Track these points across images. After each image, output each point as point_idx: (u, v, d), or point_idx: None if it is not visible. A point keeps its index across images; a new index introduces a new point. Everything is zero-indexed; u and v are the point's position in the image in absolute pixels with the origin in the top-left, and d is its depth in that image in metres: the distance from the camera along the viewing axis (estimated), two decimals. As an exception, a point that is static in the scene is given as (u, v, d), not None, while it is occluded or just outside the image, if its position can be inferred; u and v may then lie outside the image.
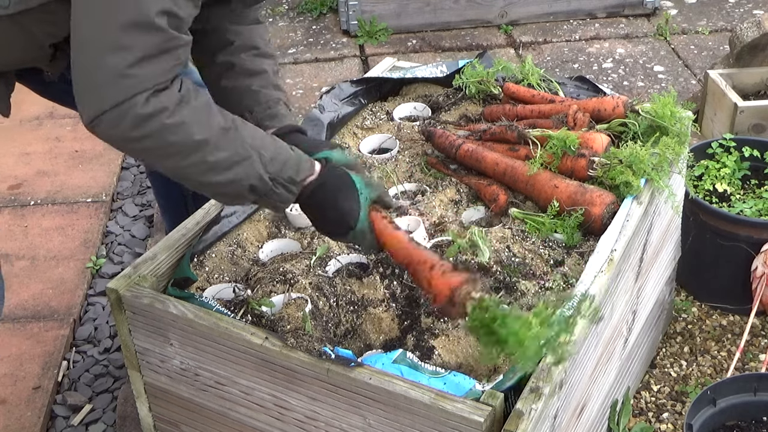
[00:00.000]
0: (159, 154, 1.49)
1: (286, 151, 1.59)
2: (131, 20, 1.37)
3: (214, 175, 1.52)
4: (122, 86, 1.39)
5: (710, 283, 2.67)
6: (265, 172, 1.54)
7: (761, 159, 2.72)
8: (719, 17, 4.68)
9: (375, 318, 1.74)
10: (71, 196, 3.42)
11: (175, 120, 1.43)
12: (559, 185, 1.93)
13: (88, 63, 1.41)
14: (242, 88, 1.86)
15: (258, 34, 1.92)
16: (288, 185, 1.58)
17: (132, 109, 1.40)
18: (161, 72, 1.43)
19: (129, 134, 1.43)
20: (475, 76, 2.39)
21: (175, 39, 1.43)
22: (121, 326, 1.83)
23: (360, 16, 4.57)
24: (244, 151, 1.52)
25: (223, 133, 1.50)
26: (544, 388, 1.51)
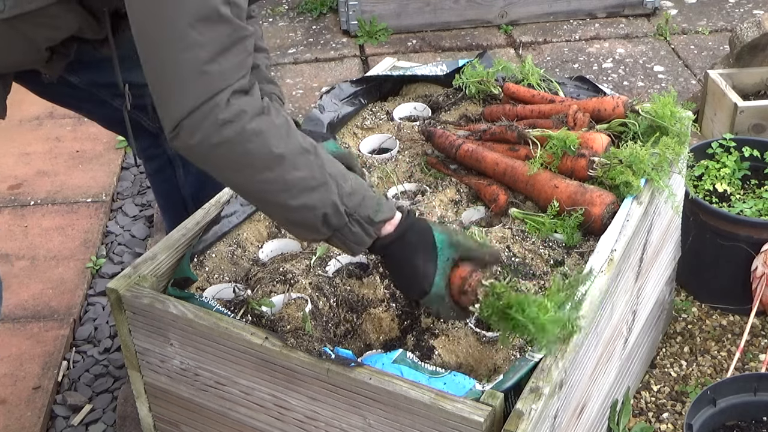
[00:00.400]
0: (234, 165, 1.41)
1: (366, 189, 1.51)
2: (199, 14, 1.32)
3: (288, 197, 1.44)
4: (203, 84, 1.34)
5: (710, 283, 2.67)
6: (341, 204, 1.46)
7: (761, 159, 2.72)
8: (719, 17, 4.68)
9: (375, 318, 1.74)
10: (71, 196, 3.42)
11: (255, 126, 1.37)
12: (559, 185, 1.93)
13: (163, 67, 1.36)
14: None
15: (256, 34, 1.91)
16: (365, 225, 1.50)
17: (213, 112, 1.34)
18: (237, 65, 1.37)
19: (208, 141, 1.36)
20: (475, 76, 2.39)
21: (242, 29, 1.38)
22: (121, 326, 1.83)
23: (360, 16, 4.57)
24: (322, 177, 1.44)
25: (302, 153, 1.43)
26: (544, 388, 1.51)
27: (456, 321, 1.65)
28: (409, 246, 1.54)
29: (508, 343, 1.55)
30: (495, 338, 1.67)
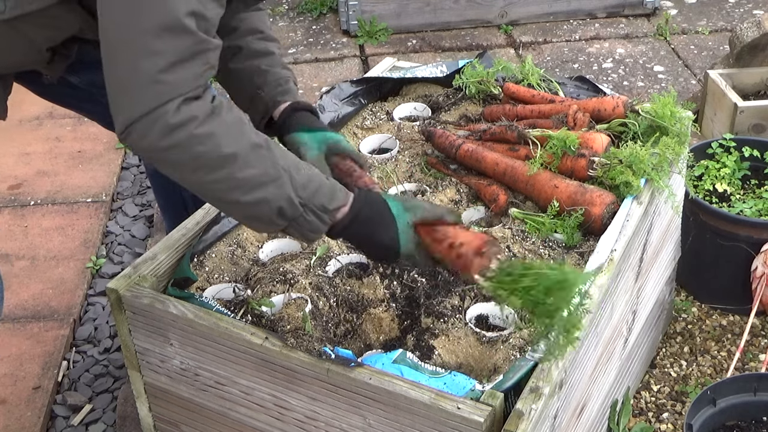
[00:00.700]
0: (186, 167, 1.44)
1: (318, 177, 1.54)
2: (161, 23, 1.35)
3: (241, 194, 1.46)
4: (155, 92, 1.36)
5: (710, 283, 2.67)
6: (295, 196, 1.49)
7: (761, 159, 2.72)
8: (719, 17, 4.68)
9: (375, 318, 1.74)
10: (71, 196, 3.42)
11: (205, 130, 1.40)
12: (559, 185, 1.93)
13: (120, 70, 1.38)
14: (251, 69, 1.86)
15: (261, 19, 1.92)
16: (320, 213, 1.53)
17: (162, 118, 1.37)
18: (193, 77, 1.40)
19: (157, 144, 1.39)
20: (475, 76, 2.39)
21: (204, 42, 1.40)
22: (121, 326, 1.83)
23: (360, 16, 4.57)
24: (275, 171, 1.47)
25: (254, 150, 1.45)
26: (544, 388, 1.51)
27: (431, 268, 1.70)
28: (366, 222, 1.58)
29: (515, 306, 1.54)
30: (495, 338, 1.67)
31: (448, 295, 1.77)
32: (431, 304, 1.75)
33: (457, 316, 1.73)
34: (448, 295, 1.77)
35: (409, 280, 1.82)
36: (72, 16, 1.65)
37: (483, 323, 1.74)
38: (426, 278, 1.82)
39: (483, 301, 1.77)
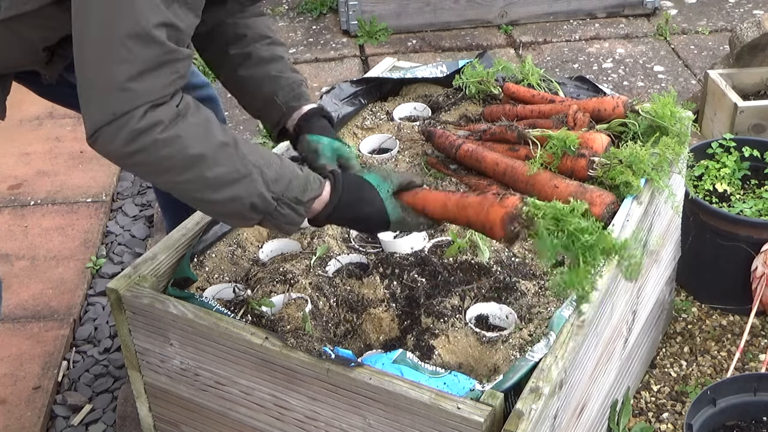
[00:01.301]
0: (154, 169, 1.46)
1: (291, 170, 1.55)
2: (130, 32, 1.36)
3: (212, 193, 1.48)
4: (122, 99, 1.38)
5: (710, 283, 2.67)
6: (267, 191, 1.50)
7: (761, 159, 2.72)
8: (719, 17, 4.68)
9: (375, 318, 1.74)
10: (71, 196, 3.42)
11: (170, 134, 1.41)
12: (559, 185, 1.93)
13: (89, 75, 1.41)
14: (262, 75, 1.89)
15: (266, 24, 1.95)
16: (294, 206, 1.54)
17: (128, 124, 1.39)
18: (161, 86, 1.41)
19: (123, 149, 1.41)
20: (475, 76, 2.39)
21: (174, 52, 1.41)
22: (121, 326, 1.83)
23: (360, 16, 4.57)
24: (244, 168, 1.48)
25: (222, 149, 1.47)
26: (544, 388, 1.51)
27: (428, 228, 1.72)
28: (350, 205, 1.62)
29: (549, 257, 1.53)
30: (495, 338, 1.67)
31: (448, 295, 1.77)
32: (431, 304, 1.75)
33: (457, 316, 1.73)
34: (448, 295, 1.77)
35: (409, 280, 1.82)
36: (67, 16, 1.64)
37: (483, 323, 1.75)
38: (426, 278, 1.82)
39: (483, 301, 1.77)
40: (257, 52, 1.90)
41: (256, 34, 1.92)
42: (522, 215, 1.52)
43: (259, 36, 1.92)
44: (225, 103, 4.04)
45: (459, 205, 1.61)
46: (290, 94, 1.90)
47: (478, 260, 1.85)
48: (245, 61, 1.89)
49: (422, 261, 1.86)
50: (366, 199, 1.63)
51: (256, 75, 1.89)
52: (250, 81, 1.90)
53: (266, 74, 1.89)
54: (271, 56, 1.91)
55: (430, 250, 1.91)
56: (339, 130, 2.32)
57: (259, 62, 1.90)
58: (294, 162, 1.62)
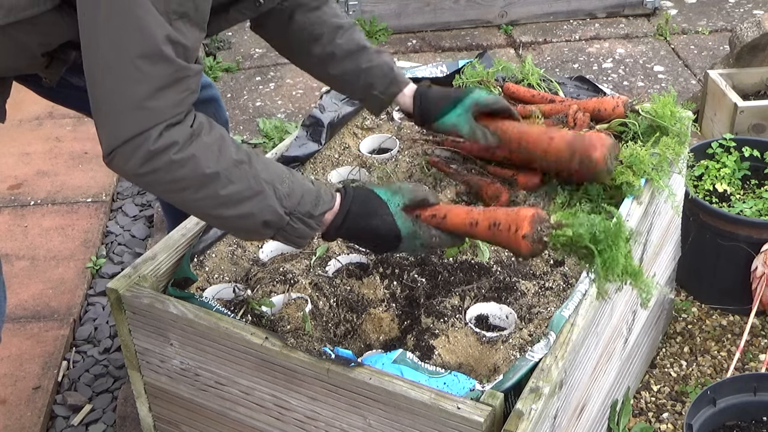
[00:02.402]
0: (170, 188, 1.47)
1: (302, 185, 1.55)
2: (141, 52, 1.37)
3: (226, 210, 1.49)
4: (136, 119, 1.39)
5: (710, 283, 2.67)
6: (280, 207, 1.51)
7: (761, 159, 2.72)
8: (719, 17, 4.68)
9: (375, 318, 1.74)
10: (71, 196, 3.42)
11: (185, 155, 1.42)
12: (554, 135, 1.89)
13: (103, 97, 1.41)
14: (354, 71, 1.93)
15: (334, 13, 1.96)
16: (306, 220, 1.55)
17: (144, 144, 1.40)
18: (174, 103, 1.42)
19: (139, 170, 1.43)
20: (475, 76, 2.39)
21: (184, 69, 1.42)
22: (121, 326, 1.83)
23: (360, 16, 4.57)
24: (257, 185, 1.49)
25: (235, 167, 1.48)
26: (544, 388, 1.51)
27: (441, 244, 1.68)
28: (359, 216, 1.60)
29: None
30: (495, 338, 1.67)
31: (448, 295, 1.77)
32: (431, 304, 1.75)
33: (457, 316, 1.73)
34: (448, 295, 1.77)
35: (409, 280, 1.82)
36: (66, 23, 1.64)
37: (483, 323, 1.75)
38: (426, 278, 1.82)
39: (483, 301, 1.77)
40: (340, 48, 1.92)
41: (331, 28, 1.92)
42: (550, 221, 1.54)
43: (333, 29, 1.92)
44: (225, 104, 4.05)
45: (487, 210, 1.60)
46: (386, 81, 1.94)
47: (478, 260, 1.85)
48: (331, 60, 1.92)
49: (422, 261, 1.86)
50: (375, 211, 1.60)
51: (348, 71, 1.93)
52: (344, 77, 1.95)
53: (357, 68, 1.93)
54: (354, 48, 1.93)
55: (430, 250, 1.91)
56: (339, 130, 2.32)
57: (345, 57, 1.92)
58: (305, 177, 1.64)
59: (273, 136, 3.74)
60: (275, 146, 2.69)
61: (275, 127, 3.79)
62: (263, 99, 4.11)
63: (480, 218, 1.59)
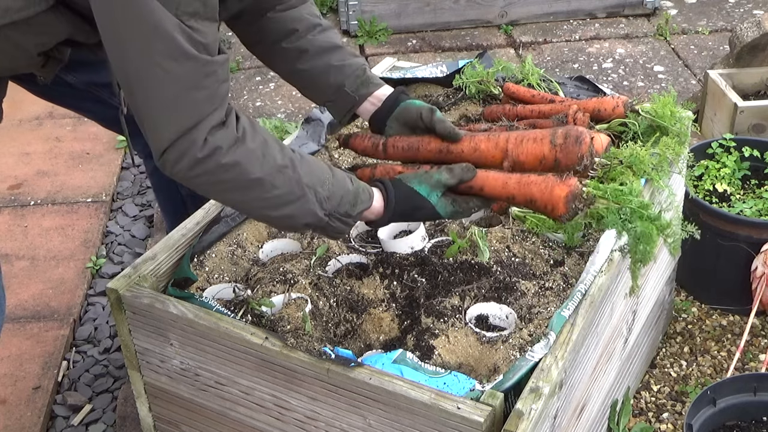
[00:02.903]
0: (219, 189, 1.54)
1: (343, 186, 1.61)
2: (166, 54, 1.39)
3: (271, 211, 1.57)
4: (178, 119, 1.43)
5: (710, 283, 2.67)
6: (320, 209, 1.57)
7: (761, 159, 2.72)
8: (719, 17, 4.68)
9: (375, 318, 1.74)
10: (71, 196, 3.42)
11: (230, 159, 1.47)
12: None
13: (141, 102, 1.44)
14: (324, 67, 1.89)
15: (312, 12, 1.94)
16: (344, 218, 1.62)
17: (191, 150, 1.44)
18: (208, 97, 1.44)
19: (187, 173, 1.48)
20: (475, 76, 2.39)
21: (210, 63, 1.44)
22: (121, 326, 1.83)
23: (360, 16, 4.57)
24: (300, 190, 1.54)
25: (279, 172, 1.52)
26: (544, 388, 1.51)
27: (480, 209, 1.75)
28: (404, 215, 1.70)
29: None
30: (495, 338, 1.67)
31: (448, 295, 1.77)
32: (431, 304, 1.75)
33: (457, 316, 1.73)
34: (448, 295, 1.77)
35: (409, 280, 1.82)
36: (62, 22, 1.65)
37: (483, 323, 1.75)
38: (426, 278, 1.82)
39: (483, 301, 1.77)
40: (313, 44, 1.89)
41: (307, 25, 1.91)
42: (584, 194, 1.60)
43: (310, 26, 1.91)
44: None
45: (521, 182, 1.65)
46: (357, 81, 1.90)
47: (478, 260, 1.85)
48: (302, 55, 1.89)
49: (422, 261, 1.86)
50: (418, 207, 1.68)
51: (318, 67, 1.89)
52: (312, 73, 1.90)
53: (328, 65, 1.89)
54: (328, 46, 1.90)
55: (430, 250, 1.91)
56: (339, 130, 2.32)
57: (318, 53, 1.89)
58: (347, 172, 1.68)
59: (273, 136, 3.73)
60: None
61: (275, 127, 3.79)
62: (263, 99, 4.11)
63: (516, 193, 1.66)
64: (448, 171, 1.69)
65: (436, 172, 1.69)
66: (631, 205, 1.63)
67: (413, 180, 1.69)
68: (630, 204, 1.63)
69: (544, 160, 1.67)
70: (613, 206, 1.64)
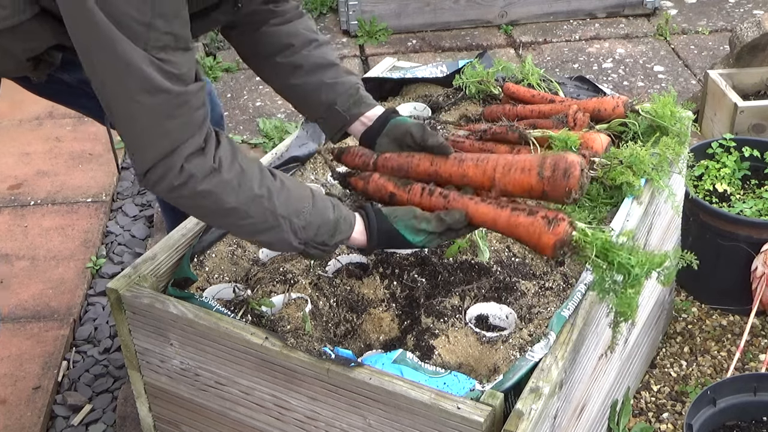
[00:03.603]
0: (197, 213, 1.62)
1: (321, 216, 1.61)
2: (136, 88, 1.41)
3: (249, 236, 1.65)
4: (155, 146, 1.46)
5: (710, 283, 2.67)
6: (295, 239, 1.59)
7: (761, 159, 2.72)
8: (719, 17, 4.68)
9: (375, 318, 1.74)
10: (71, 196, 3.42)
11: (204, 188, 1.50)
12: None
13: (122, 129, 1.49)
14: (316, 84, 1.88)
15: (308, 27, 1.94)
16: (321, 247, 1.62)
17: (168, 175, 1.47)
18: (184, 125, 1.47)
19: (167, 195, 1.53)
20: (475, 76, 2.39)
21: (182, 94, 1.45)
22: (121, 326, 1.83)
23: (360, 16, 4.57)
24: (273, 220, 1.56)
25: (253, 201, 1.54)
26: (544, 388, 1.51)
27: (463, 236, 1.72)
28: (388, 246, 1.70)
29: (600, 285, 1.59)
30: (495, 338, 1.67)
31: (448, 295, 1.77)
32: (431, 304, 1.75)
33: (457, 316, 1.73)
34: (448, 295, 1.77)
35: (409, 280, 1.82)
36: (47, 30, 1.65)
37: (483, 323, 1.75)
38: (426, 278, 1.82)
39: (483, 301, 1.77)
40: (308, 60, 1.89)
41: (303, 40, 1.89)
42: (572, 242, 1.55)
43: (306, 42, 1.90)
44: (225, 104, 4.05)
45: (510, 223, 1.60)
46: (349, 101, 1.88)
47: (478, 260, 1.85)
48: (296, 71, 1.88)
49: (422, 261, 1.86)
50: (402, 245, 1.67)
51: (311, 83, 1.88)
52: (305, 89, 1.89)
53: (320, 83, 1.88)
54: (322, 62, 1.89)
55: (430, 250, 1.91)
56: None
57: (312, 70, 1.88)
58: (331, 196, 1.69)
59: (273, 136, 3.74)
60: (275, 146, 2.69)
61: (275, 127, 3.79)
62: (263, 99, 4.11)
63: (504, 231, 1.61)
64: (438, 221, 1.64)
65: (423, 220, 1.64)
66: (618, 258, 1.55)
67: (399, 222, 1.65)
68: (617, 257, 1.55)
69: (532, 191, 1.62)
70: (599, 261, 1.56)
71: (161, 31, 1.39)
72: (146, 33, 1.38)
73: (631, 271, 1.55)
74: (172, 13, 1.41)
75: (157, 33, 1.39)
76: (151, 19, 1.37)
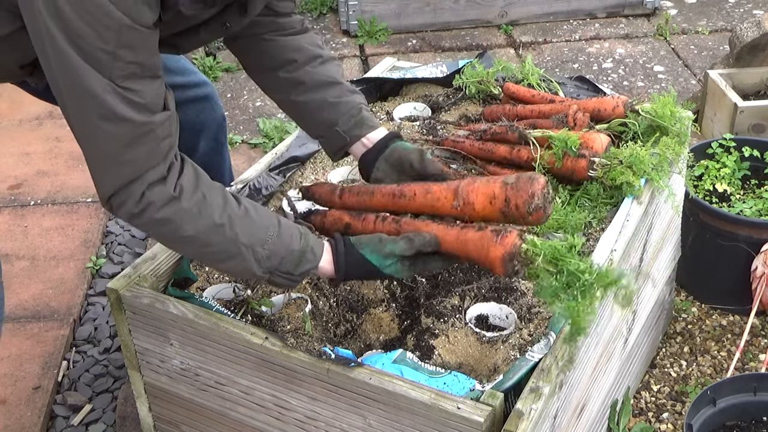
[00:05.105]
0: (161, 240, 1.63)
1: (286, 246, 1.57)
2: (99, 114, 1.40)
3: (211, 263, 1.69)
4: (117, 173, 1.46)
5: (710, 283, 2.67)
6: (259, 267, 1.56)
7: (761, 159, 2.72)
8: (719, 17, 4.68)
9: (375, 318, 1.74)
10: (71, 196, 3.42)
11: (162, 216, 1.49)
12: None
13: (85, 153, 1.48)
14: (318, 102, 1.84)
15: (314, 42, 1.89)
16: (286, 276, 1.60)
17: (128, 202, 1.48)
18: (146, 154, 1.46)
19: (129, 221, 1.54)
20: (475, 76, 2.39)
21: (146, 124, 1.44)
22: (121, 326, 1.83)
23: (360, 16, 4.57)
24: (234, 249, 1.54)
25: (214, 230, 1.53)
26: (544, 388, 1.51)
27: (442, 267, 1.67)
28: (358, 277, 1.66)
29: (551, 299, 1.52)
30: (495, 338, 1.67)
31: (448, 295, 1.77)
32: (431, 304, 1.75)
33: (457, 316, 1.73)
34: (448, 295, 1.77)
35: (409, 280, 1.82)
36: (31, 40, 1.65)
37: (483, 323, 1.75)
38: (426, 278, 1.82)
39: (483, 301, 1.77)
40: (311, 77, 1.84)
41: (306, 56, 1.85)
42: (521, 254, 1.51)
43: (310, 57, 1.85)
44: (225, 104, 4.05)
45: (458, 240, 1.57)
46: (350, 121, 1.84)
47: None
48: (298, 87, 1.84)
49: (422, 261, 1.86)
50: (371, 273, 1.62)
51: (312, 101, 1.84)
52: (307, 107, 1.85)
53: (323, 101, 1.84)
54: (326, 80, 1.84)
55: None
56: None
57: (314, 88, 1.84)
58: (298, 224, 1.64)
59: (273, 136, 3.74)
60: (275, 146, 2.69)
61: (275, 127, 3.79)
62: (263, 99, 4.11)
63: (457, 250, 1.57)
64: (407, 242, 1.59)
65: (391, 241, 1.60)
66: (568, 266, 1.49)
67: (366, 247, 1.61)
68: (567, 265, 1.49)
69: (495, 199, 1.60)
70: (549, 267, 1.50)
71: (126, 60, 1.38)
72: (111, 62, 1.36)
73: (580, 277, 1.48)
74: (140, 43, 1.39)
75: (122, 62, 1.37)
76: (115, 48, 1.36)
